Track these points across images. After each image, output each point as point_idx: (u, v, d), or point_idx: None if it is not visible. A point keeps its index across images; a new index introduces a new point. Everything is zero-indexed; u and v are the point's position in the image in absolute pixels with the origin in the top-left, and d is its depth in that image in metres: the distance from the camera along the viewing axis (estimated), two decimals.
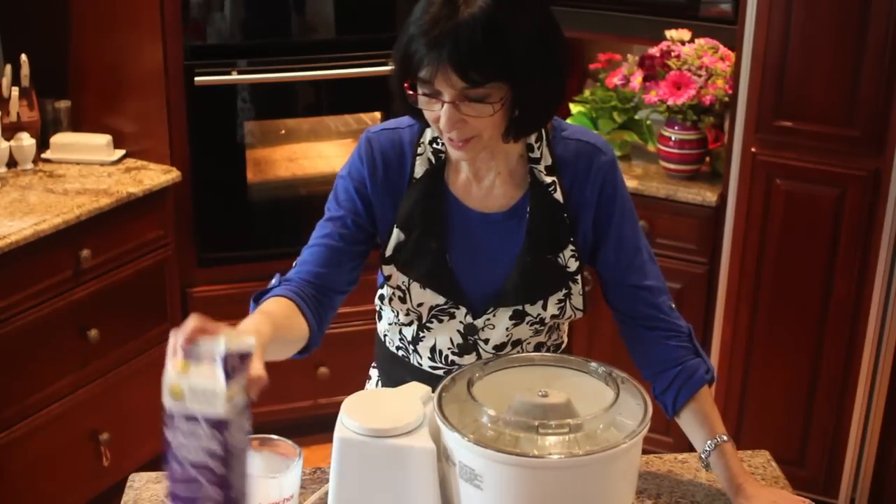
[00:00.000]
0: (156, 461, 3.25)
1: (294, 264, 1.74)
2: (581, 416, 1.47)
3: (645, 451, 1.60)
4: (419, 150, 1.70)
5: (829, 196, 2.93)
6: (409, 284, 1.71)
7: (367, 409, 1.52)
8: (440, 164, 1.69)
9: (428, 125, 1.66)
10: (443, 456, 1.50)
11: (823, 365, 3.05)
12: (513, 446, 1.42)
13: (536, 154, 1.68)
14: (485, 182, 1.70)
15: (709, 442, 1.66)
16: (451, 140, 1.58)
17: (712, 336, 3.17)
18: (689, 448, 1.78)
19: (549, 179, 1.68)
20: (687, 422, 1.70)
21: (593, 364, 1.61)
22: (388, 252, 1.72)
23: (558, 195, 1.68)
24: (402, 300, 1.72)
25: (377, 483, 1.50)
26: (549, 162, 1.68)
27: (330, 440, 1.51)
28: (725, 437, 1.66)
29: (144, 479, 1.76)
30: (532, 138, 1.68)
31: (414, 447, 1.48)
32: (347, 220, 1.72)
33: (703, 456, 1.67)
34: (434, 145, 1.69)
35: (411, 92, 1.57)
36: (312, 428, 3.04)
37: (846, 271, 2.95)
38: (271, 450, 1.52)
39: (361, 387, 1.66)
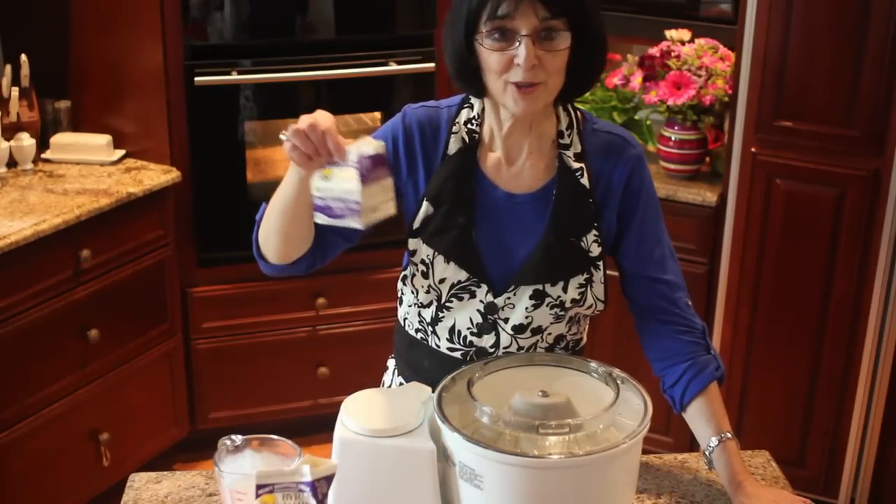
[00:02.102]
0: (156, 461, 3.26)
1: None
2: (581, 416, 1.47)
3: (645, 451, 1.60)
4: (454, 129, 1.74)
5: (829, 196, 2.93)
6: (433, 258, 1.73)
7: (367, 409, 1.52)
8: (473, 144, 1.74)
9: (464, 106, 1.74)
10: (443, 456, 1.50)
11: (823, 365, 3.05)
12: (513, 446, 1.42)
13: (567, 141, 1.73)
14: (516, 164, 1.73)
15: (713, 438, 1.67)
16: (519, 87, 1.61)
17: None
18: (690, 448, 1.78)
19: (577, 165, 1.72)
20: (693, 417, 1.71)
21: (593, 364, 1.61)
22: (416, 224, 1.74)
23: (585, 181, 1.72)
24: (425, 275, 1.74)
25: (377, 483, 1.50)
26: (579, 149, 1.73)
27: (330, 440, 1.51)
28: (730, 435, 1.67)
29: (144, 479, 1.76)
30: (563, 125, 1.73)
31: (414, 447, 1.48)
32: None
33: (706, 452, 1.67)
34: (469, 125, 1.74)
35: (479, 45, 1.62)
36: (312, 428, 3.04)
37: (846, 271, 2.95)
38: (271, 450, 1.52)
39: (366, 386, 1.66)
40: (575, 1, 1.61)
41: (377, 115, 3.56)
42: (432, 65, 3.35)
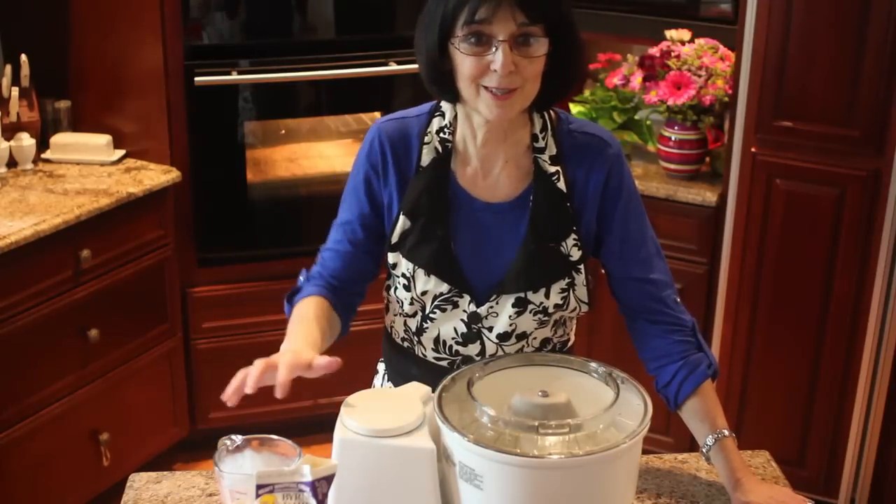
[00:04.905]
0: (156, 461, 3.26)
1: (315, 261, 1.82)
2: (581, 416, 1.47)
3: (645, 451, 1.60)
4: (426, 140, 1.73)
5: (829, 196, 2.93)
6: (413, 272, 1.73)
7: (367, 409, 1.52)
8: (447, 154, 1.72)
9: (435, 114, 1.72)
10: (443, 456, 1.50)
11: (823, 365, 3.05)
12: (513, 446, 1.42)
13: (542, 144, 1.71)
14: (491, 174, 1.72)
15: (710, 436, 1.67)
16: (495, 94, 1.59)
17: (712, 336, 3.17)
18: (690, 448, 1.78)
19: (553, 169, 1.71)
20: (689, 416, 1.71)
21: (593, 364, 1.61)
22: (395, 239, 1.74)
23: (562, 184, 1.71)
24: (407, 288, 1.74)
25: (377, 483, 1.50)
26: (554, 152, 1.71)
27: (330, 440, 1.51)
28: (727, 432, 1.67)
29: (144, 479, 1.76)
30: (538, 128, 1.71)
31: (414, 447, 1.48)
32: (356, 225, 1.77)
33: (704, 450, 1.68)
34: (441, 135, 1.72)
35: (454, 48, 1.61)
36: (312, 428, 3.04)
37: (846, 271, 2.95)
38: (271, 450, 1.52)
39: (361, 386, 1.66)
40: (553, 7, 1.59)
41: (377, 115, 3.56)
42: None
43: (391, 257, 1.75)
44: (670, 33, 3.29)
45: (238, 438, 1.52)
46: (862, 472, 3.09)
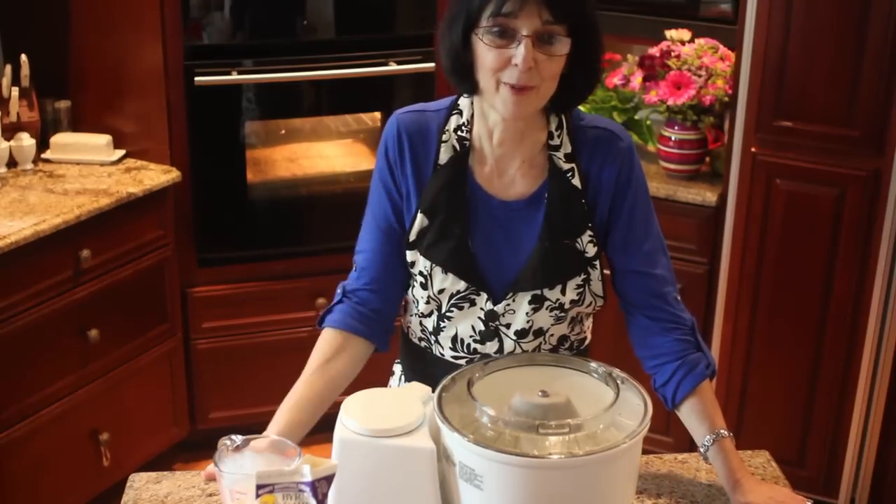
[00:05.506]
0: (156, 461, 3.26)
1: (353, 268, 1.82)
2: (581, 416, 1.47)
3: (645, 451, 1.60)
4: (444, 138, 1.74)
5: (829, 196, 2.93)
6: (431, 270, 1.73)
7: (367, 409, 1.52)
8: (465, 152, 1.73)
9: (453, 112, 1.73)
10: (443, 456, 1.50)
11: (823, 365, 3.05)
12: (513, 446, 1.42)
13: (556, 141, 1.72)
14: (507, 173, 1.73)
15: (708, 437, 1.67)
16: (512, 88, 1.60)
17: (712, 336, 3.17)
18: (690, 448, 1.78)
19: (567, 166, 1.72)
20: (687, 415, 1.71)
21: (593, 364, 1.61)
22: (412, 237, 1.75)
23: (576, 181, 1.72)
24: (424, 286, 1.75)
25: (377, 483, 1.50)
26: (569, 150, 1.72)
27: (330, 440, 1.51)
28: (725, 432, 1.67)
29: (144, 479, 1.76)
30: (553, 125, 1.72)
31: (414, 447, 1.48)
32: (382, 226, 1.78)
33: (702, 450, 1.68)
34: (459, 133, 1.73)
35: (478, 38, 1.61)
36: (312, 428, 3.04)
37: (846, 271, 2.95)
38: (271, 450, 1.52)
39: (361, 387, 1.66)
40: (578, 8, 1.61)
41: (377, 115, 3.56)
42: (432, 65, 3.35)
43: (409, 255, 1.76)
44: (670, 33, 3.29)
45: (238, 438, 1.51)
46: (862, 472, 3.09)
